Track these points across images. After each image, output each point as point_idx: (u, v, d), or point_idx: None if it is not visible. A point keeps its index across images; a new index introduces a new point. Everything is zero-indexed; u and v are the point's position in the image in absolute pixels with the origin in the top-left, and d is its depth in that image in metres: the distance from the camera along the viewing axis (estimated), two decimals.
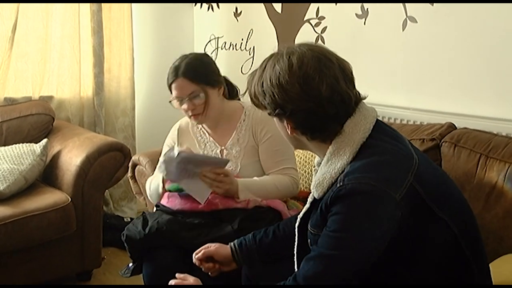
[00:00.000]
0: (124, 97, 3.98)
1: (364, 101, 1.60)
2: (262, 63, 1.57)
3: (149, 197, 2.46)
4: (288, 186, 2.32)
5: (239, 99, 2.51)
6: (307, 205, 1.57)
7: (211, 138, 2.45)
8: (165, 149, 2.54)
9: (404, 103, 3.05)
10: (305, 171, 2.78)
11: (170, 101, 2.34)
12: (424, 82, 2.99)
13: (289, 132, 1.56)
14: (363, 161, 1.43)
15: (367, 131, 1.49)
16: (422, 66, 2.99)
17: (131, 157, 3.11)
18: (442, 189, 1.48)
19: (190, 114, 2.32)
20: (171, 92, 2.32)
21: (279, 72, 1.48)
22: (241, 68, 4.00)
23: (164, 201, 2.32)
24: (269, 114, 1.57)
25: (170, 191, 2.30)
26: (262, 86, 1.52)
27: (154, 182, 2.41)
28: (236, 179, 2.23)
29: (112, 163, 3.10)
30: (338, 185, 1.41)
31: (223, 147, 2.42)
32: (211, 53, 4.19)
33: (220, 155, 2.41)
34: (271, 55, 1.56)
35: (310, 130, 1.52)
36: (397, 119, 3.01)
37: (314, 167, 1.67)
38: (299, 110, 1.49)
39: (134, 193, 3.11)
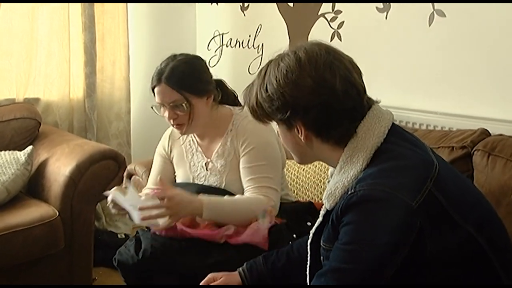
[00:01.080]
0: (119, 99, 3.99)
1: (382, 104, 1.62)
2: (259, 72, 1.59)
3: None
4: (262, 206, 2.21)
5: (240, 104, 2.49)
6: (320, 219, 1.58)
7: (199, 148, 2.46)
8: (156, 159, 2.56)
9: (430, 106, 3.03)
10: (316, 183, 2.78)
11: (152, 107, 2.35)
12: (454, 84, 2.96)
13: (302, 139, 1.55)
14: (377, 167, 1.45)
15: (382, 135, 1.51)
16: (450, 65, 2.97)
17: (126, 166, 3.11)
18: (466, 198, 1.49)
19: (172, 123, 2.33)
20: (154, 96, 2.33)
21: (286, 69, 1.50)
22: (249, 67, 4.00)
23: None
24: (279, 120, 1.57)
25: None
26: (267, 91, 1.54)
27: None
28: (198, 197, 2.15)
29: (105, 173, 3.09)
30: (349, 192, 1.42)
31: (209, 160, 2.42)
32: (215, 51, 4.20)
33: (205, 168, 2.41)
34: (269, 62, 1.59)
35: (325, 127, 1.52)
36: (422, 124, 2.99)
37: (327, 179, 1.67)
38: (312, 106, 1.49)
39: None
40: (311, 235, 1.62)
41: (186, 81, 2.27)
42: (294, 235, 2.17)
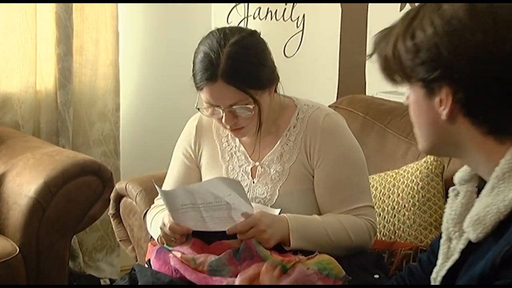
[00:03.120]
0: (104, 92, 4.01)
1: None
2: (405, 16, 1.55)
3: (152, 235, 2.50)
4: (363, 234, 2.32)
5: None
6: (455, 255, 1.55)
7: (241, 147, 2.47)
8: (175, 164, 2.55)
9: None
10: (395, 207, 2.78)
11: (198, 108, 2.35)
12: None
13: (444, 114, 1.49)
14: None
15: None
16: None
17: (113, 185, 3.11)
18: None
19: (229, 127, 2.33)
20: (200, 91, 2.31)
21: (452, 15, 1.46)
22: (284, 47, 4.02)
23: (155, 263, 2.31)
24: (419, 81, 1.51)
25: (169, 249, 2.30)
26: (413, 38, 1.49)
27: (157, 220, 2.42)
28: (279, 216, 2.26)
29: (84, 194, 3.10)
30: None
31: (256, 163, 2.43)
32: (238, 25, 4.19)
33: (250, 175, 2.44)
34: (421, 5, 1.54)
35: (484, 106, 1.47)
36: None
37: (453, 189, 1.63)
38: (475, 72, 1.45)
39: (118, 240, 3.11)
40: (437, 275, 1.60)
41: (253, 74, 2.26)
42: None
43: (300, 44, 3.97)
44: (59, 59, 3.83)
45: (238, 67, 2.24)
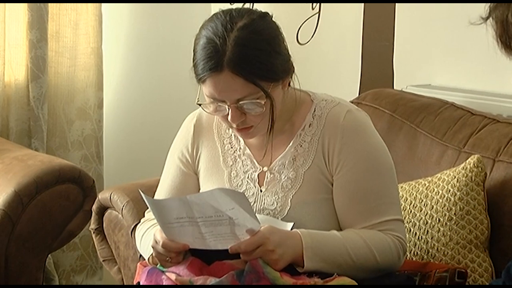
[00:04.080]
0: (84, 85, 4.05)
1: None
2: None
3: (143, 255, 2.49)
4: (391, 254, 2.31)
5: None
6: None
7: (247, 150, 2.46)
8: (170, 169, 2.55)
9: None
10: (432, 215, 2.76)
11: (199, 104, 2.34)
12: None
13: None
14: None
15: None
16: None
17: (96, 195, 3.11)
18: None
19: (235, 126, 2.31)
20: (202, 83, 2.30)
21: None
22: (297, 32, 4.02)
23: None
24: None
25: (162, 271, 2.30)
26: None
27: (148, 236, 2.42)
28: (291, 232, 2.25)
29: (61, 206, 3.11)
30: None
31: (265, 168, 2.44)
32: (242, 6, 4.18)
33: (257, 182, 2.44)
34: None
35: None
36: None
37: None
38: None
39: (101, 260, 3.11)
40: None
41: (265, 63, 2.25)
42: None
43: (316, 29, 3.97)
44: (31, 46, 3.85)
45: (248, 55, 2.22)
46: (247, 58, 2.21)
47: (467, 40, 3.26)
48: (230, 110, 2.27)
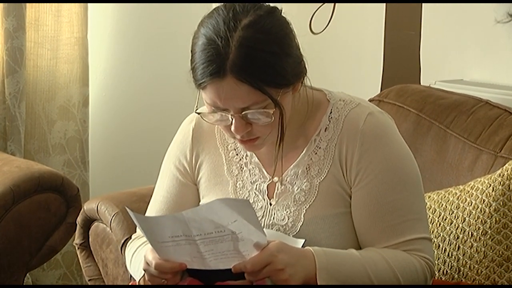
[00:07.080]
0: (67, 81, 4.08)
1: None
2: None
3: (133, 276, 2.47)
4: (416, 277, 2.31)
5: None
6: None
7: (254, 158, 2.47)
8: (164, 179, 2.56)
9: None
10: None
11: (198, 112, 2.35)
12: None
13: None
14: None
15: None
16: None
17: (81, 206, 3.12)
18: None
19: (240, 138, 2.31)
20: (201, 90, 2.28)
21: None
22: (310, 20, 4.07)
23: None
24: None
25: None
26: None
27: (139, 255, 2.42)
28: (304, 250, 2.25)
29: (40, 218, 3.13)
30: None
31: (275, 179, 2.44)
32: None
33: (266, 194, 2.44)
34: None
35: None
36: None
37: None
38: None
39: (87, 280, 3.12)
40: None
41: (274, 67, 2.23)
42: None
43: (331, 17, 4.00)
44: (7, 35, 3.89)
45: (254, 58, 2.20)
46: (253, 62, 2.19)
47: (505, 29, 3.27)
48: (234, 120, 2.25)
